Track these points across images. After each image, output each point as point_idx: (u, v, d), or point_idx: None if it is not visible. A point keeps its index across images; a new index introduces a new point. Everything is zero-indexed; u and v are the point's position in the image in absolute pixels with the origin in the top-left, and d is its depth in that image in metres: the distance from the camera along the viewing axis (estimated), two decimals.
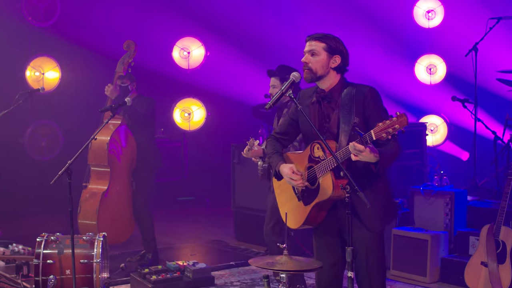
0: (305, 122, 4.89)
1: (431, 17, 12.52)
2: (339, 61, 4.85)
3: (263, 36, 13.16)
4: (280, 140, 5.19)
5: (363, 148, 4.36)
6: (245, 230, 10.08)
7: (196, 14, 12.89)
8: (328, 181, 4.65)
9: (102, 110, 6.77)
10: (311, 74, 4.85)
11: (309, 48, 4.91)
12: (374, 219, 4.79)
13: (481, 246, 6.93)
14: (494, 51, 10.23)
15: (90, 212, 8.07)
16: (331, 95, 4.84)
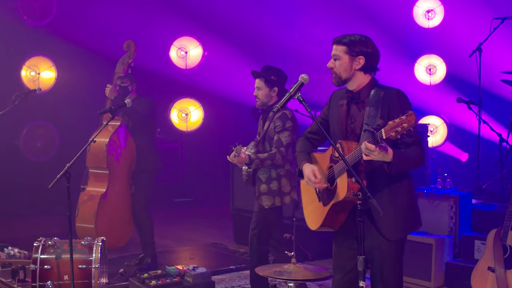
0: (333, 122, 4.89)
1: (431, 17, 12.42)
2: (363, 62, 4.75)
3: (261, 36, 13.04)
4: (311, 139, 5.15)
5: (374, 147, 4.29)
6: (244, 233, 9.83)
7: (193, 14, 12.76)
8: (344, 181, 4.57)
9: (101, 112, 6.62)
10: (337, 78, 4.83)
11: (333, 52, 4.88)
12: (393, 226, 4.68)
13: (488, 251, 6.79)
14: (498, 52, 10.12)
15: (88, 215, 7.91)
16: (358, 96, 4.76)
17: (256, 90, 6.82)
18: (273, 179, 6.70)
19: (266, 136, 6.71)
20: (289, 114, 6.67)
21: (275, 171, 6.68)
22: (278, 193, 6.73)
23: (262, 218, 6.83)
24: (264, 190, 6.74)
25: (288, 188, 6.79)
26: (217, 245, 9.81)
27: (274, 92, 6.75)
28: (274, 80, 6.73)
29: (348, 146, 4.62)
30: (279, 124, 6.59)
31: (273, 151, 6.57)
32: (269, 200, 6.73)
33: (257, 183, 6.78)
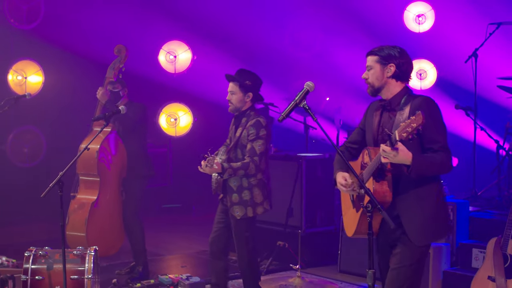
0: (368, 131, 5.01)
1: (421, 21, 12.36)
2: (393, 69, 4.85)
3: (251, 40, 12.92)
4: (349, 148, 5.27)
5: (389, 149, 4.39)
6: None
7: (183, 17, 12.61)
8: (369, 186, 4.65)
9: (94, 119, 6.49)
10: (371, 87, 4.94)
11: (367, 63, 4.98)
12: (419, 231, 4.74)
13: (488, 260, 6.69)
14: (492, 58, 10.04)
15: (78, 223, 7.75)
16: (390, 104, 4.87)
17: (230, 94, 6.62)
18: (244, 189, 6.54)
19: (238, 143, 6.54)
20: (263, 121, 6.51)
21: (247, 180, 6.51)
22: (250, 203, 6.55)
23: (237, 229, 6.63)
24: (236, 200, 6.55)
25: (261, 198, 6.60)
26: (207, 251, 9.62)
27: (248, 98, 6.57)
28: (248, 85, 6.54)
29: (375, 152, 4.70)
30: (252, 132, 6.43)
31: (246, 160, 6.40)
32: (241, 210, 6.54)
33: (228, 193, 6.58)
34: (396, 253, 4.81)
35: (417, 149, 4.58)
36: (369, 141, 5.00)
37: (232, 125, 6.78)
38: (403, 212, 4.72)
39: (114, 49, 8.26)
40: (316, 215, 9.07)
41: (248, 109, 6.60)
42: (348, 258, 8.49)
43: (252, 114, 6.58)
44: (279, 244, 8.75)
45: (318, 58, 13.01)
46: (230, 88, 6.62)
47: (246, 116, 6.58)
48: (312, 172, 9.02)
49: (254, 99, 6.62)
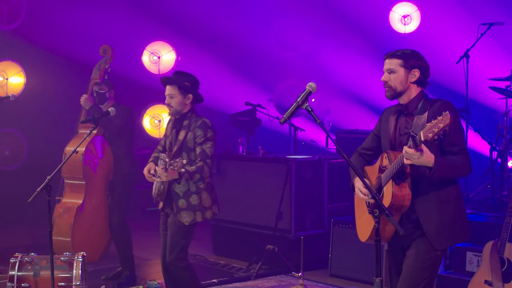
0: (383, 136, 4.93)
1: (407, 22, 12.26)
2: (418, 74, 4.80)
3: (236, 41, 12.77)
4: (363, 155, 5.20)
5: (412, 150, 4.31)
6: (223, 244, 9.64)
7: (167, 18, 12.43)
8: (389, 190, 4.59)
9: (83, 121, 6.29)
10: (392, 91, 4.83)
11: (387, 66, 4.87)
12: (438, 234, 4.65)
13: (485, 263, 6.56)
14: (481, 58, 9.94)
15: (64, 228, 7.57)
16: (407, 108, 4.79)
17: (168, 98, 6.30)
18: (192, 193, 6.24)
19: (183, 147, 6.23)
20: (208, 122, 6.29)
21: (195, 184, 6.22)
22: (199, 207, 6.27)
23: (181, 236, 6.30)
24: (183, 205, 6.23)
25: (209, 202, 6.34)
26: (196, 256, 9.45)
27: (188, 100, 6.29)
28: (188, 87, 6.28)
29: (394, 155, 4.64)
30: (200, 134, 6.18)
31: (200, 164, 6.12)
32: (189, 216, 6.23)
33: (174, 199, 6.26)
34: (410, 255, 4.73)
35: (437, 152, 4.52)
36: (385, 146, 4.93)
37: (170, 129, 6.44)
38: (423, 215, 4.63)
39: (100, 50, 8.07)
40: (305, 218, 8.91)
41: (189, 111, 6.32)
42: (339, 262, 8.34)
43: (194, 116, 6.33)
44: (269, 248, 8.60)
45: (304, 59, 12.89)
46: (168, 91, 6.30)
47: (187, 118, 6.31)
48: (302, 174, 8.86)
49: (194, 101, 6.37)
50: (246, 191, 9.24)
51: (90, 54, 11.56)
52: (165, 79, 6.37)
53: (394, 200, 4.51)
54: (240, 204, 9.32)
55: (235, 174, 9.44)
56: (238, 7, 12.83)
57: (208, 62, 12.52)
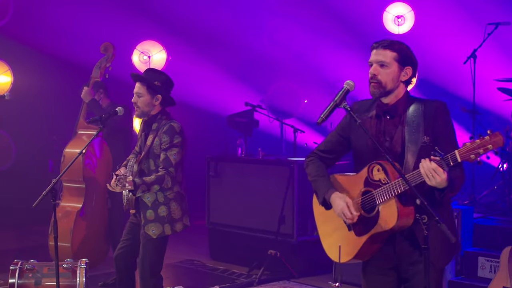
0: (360, 139, 4.28)
1: (400, 22, 12.11)
2: (410, 73, 4.20)
3: (227, 40, 12.54)
4: (325, 159, 4.51)
5: (441, 171, 3.78)
6: (221, 249, 9.37)
7: (158, 17, 12.17)
8: (391, 209, 4.02)
9: (90, 121, 5.97)
10: (380, 88, 4.18)
11: (378, 57, 4.20)
12: (438, 252, 4.14)
13: (503, 269, 6.35)
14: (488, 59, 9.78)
15: (63, 232, 7.24)
16: (395, 110, 4.20)
17: (136, 96, 5.88)
18: (160, 204, 5.83)
19: (150, 153, 5.83)
20: (177, 127, 5.82)
21: (163, 194, 5.79)
22: (168, 219, 5.84)
23: (151, 250, 5.89)
24: (151, 217, 5.80)
25: (179, 214, 5.90)
26: (193, 261, 9.20)
27: (156, 101, 5.86)
28: (157, 87, 5.86)
29: (390, 168, 4.05)
30: (166, 140, 5.74)
31: (161, 173, 5.69)
32: (157, 228, 5.81)
33: (142, 209, 5.84)
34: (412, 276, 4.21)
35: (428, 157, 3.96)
36: (360, 151, 4.30)
37: (141, 132, 6.05)
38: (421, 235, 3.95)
39: (101, 47, 7.79)
40: (307, 222, 8.68)
41: (158, 113, 5.90)
42: (344, 268, 8.08)
43: (163, 118, 5.89)
44: (271, 253, 8.36)
45: (298, 59, 12.68)
46: (136, 89, 5.89)
47: (156, 121, 5.88)
48: (304, 177, 8.58)
49: (164, 103, 5.94)
50: (245, 194, 8.99)
51: (78, 53, 11.31)
52: (135, 75, 5.97)
53: (399, 222, 3.99)
54: (239, 208, 9.06)
55: (233, 176, 9.18)
56: (230, 6, 12.61)
57: (199, 62, 12.30)
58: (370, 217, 4.12)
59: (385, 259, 4.26)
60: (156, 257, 5.93)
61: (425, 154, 4.00)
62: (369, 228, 4.13)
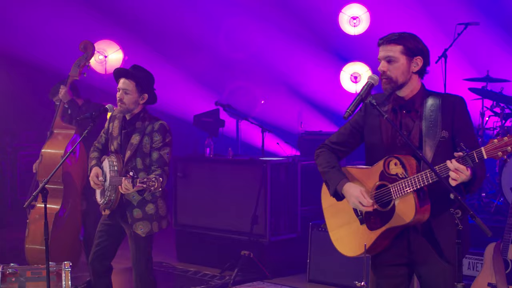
0: (374, 132, 4.27)
1: (356, 24, 12.21)
2: (421, 63, 4.16)
3: (185, 40, 12.44)
4: (336, 151, 4.46)
5: (465, 168, 3.79)
6: (190, 251, 9.25)
7: (113, 16, 11.99)
8: (409, 203, 4.00)
9: (81, 118, 5.83)
10: (391, 83, 4.15)
11: (385, 54, 4.18)
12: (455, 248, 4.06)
13: (487, 266, 6.45)
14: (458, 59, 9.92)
15: (40, 235, 7.01)
16: (412, 104, 4.19)
17: (121, 92, 5.72)
18: (148, 202, 5.76)
19: (137, 152, 5.71)
20: (167, 126, 5.77)
21: (140, 196, 5.67)
22: (156, 217, 5.79)
23: (142, 250, 5.83)
24: (139, 215, 5.72)
25: (165, 211, 5.88)
26: (162, 264, 9.06)
27: (142, 100, 5.77)
28: (146, 85, 5.79)
29: (408, 162, 4.05)
30: (158, 139, 5.68)
31: (158, 172, 5.58)
32: (145, 226, 5.74)
33: (127, 208, 5.74)
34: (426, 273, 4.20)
35: (450, 151, 4.01)
36: (374, 144, 4.28)
37: (119, 129, 5.86)
38: (439, 230, 4.13)
39: (80, 45, 7.58)
40: (279, 222, 8.65)
41: (141, 111, 5.80)
42: (318, 267, 8.09)
43: (147, 117, 5.81)
44: (244, 254, 8.29)
45: (255, 59, 12.64)
46: (123, 85, 5.73)
47: (140, 119, 5.78)
48: (276, 177, 8.59)
49: (148, 102, 5.85)
50: (216, 195, 8.90)
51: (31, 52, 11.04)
52: (122, 70, 5.83)
53: (417, 217, 3.98)
54: (209, 209, 8.97)
55: (202, 177, 9.07)
56: (187, 5, 12.50)
57: (156, 61, 12.13)
58: (385, 211, 4.10)
59: (399, 255, 4.24)
60: (149, 255, 5.89)
61: (444, 149, 4.03)
62: (383, 222, 4.12)
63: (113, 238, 5.96)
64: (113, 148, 5.89)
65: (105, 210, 5.87)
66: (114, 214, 5.85)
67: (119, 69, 5.87)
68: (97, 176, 5.80)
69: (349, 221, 4.33)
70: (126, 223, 5.79)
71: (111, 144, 5.92)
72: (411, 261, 4.25)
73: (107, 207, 5.80)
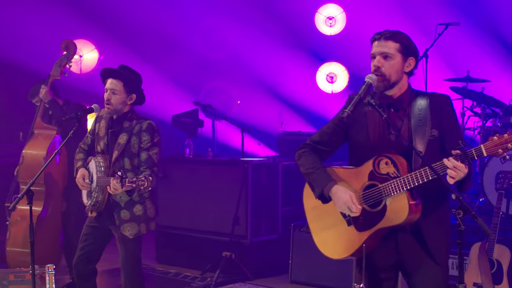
0: (361, 131, 4.21)
1: (332, 24, 12.20)
2: (413, 64, 4.16)
3: (161, 40, 12.31)
4: (320, 151, 4.35)
5: (463, 166, 3.79)
6: (170, 252, 9.15)
7: (88, 15, 11.80)
8: (401, 203, 3.97)
9: (66, 118, 5.72)
10: (384, 81, 4.10)
11: (381, 49, 4.11)
12: (443, 249, 4.19)
13: (472, 266, 6.47)
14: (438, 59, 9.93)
15: (22, 238, 6.90)
16: (400, 103, 4.16)
17: (110, 93, 5.66)
18: (136, 203, 5.68)
19: (125, 152, 5.65)
20: (155, 126, 5.73)
21: (128, 196, 5.59)
22: (144, 219, 5.72)
23: (130, 252, 5.76)
24: (127, 217, 5.66)
25: (153, 212, 5.82)
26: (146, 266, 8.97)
27: (130, 100, 5.70)
28: (134, 85, 5.74)
29: (399, 161, 4.02)
30: (146, 139, 5.63)
31: (147, 172, 5.50)
32: (133, 228, 5.68)
33: (115, 209, 5.67)
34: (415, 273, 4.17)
35: (438, 151, 4.04)
36: (361, 143, 4.21)
37: (105, 129, 5.78)
38: (427, 230, 4.09)
39: (61, 45, 7.49)
40: (261, 223, 8.61)
41: (129, 111, 5.73)
42: (300, 268, 8.05)
43: (135, 117, 5.75)
44: (225, 255, 8.23)
45: (231, 59, 12.56)
46: (111, 85, 5.67)
47: (128, 119, 5.71)
48: (257, 177, 8.54)
49: (136, 102, 5.79)
50: (196, 196, 8.82)
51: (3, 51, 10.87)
52: (109, 70, 5.77)
53: (410, 216, 3.94)
54: (189, 210, 8.89)
55: (182, 178, 8.99)
56: (163, 4, 12.39)
57: (132, 61, 11.86)
58: (374, 212, 4.06)
59: (387, 256, 4.20)
60: (138, 256, 5.81)
61: (433, 148, 4.03)
62: (373, 223, 4.07)
63: (99, 241, 5.90)
64: (99, 148, 5.81)
65: (92, 212, 5.78)
66: (101, 215, 5.77)
67: (107, 69, 5.79)
68: (84, 178, 5.72)
69: (335, 223, 4.25)
70: (113, 224, 5.72)
71: (97, 145, 5.84)
72: (399, 261, 4.22)
73: (94, 208, 5.72)
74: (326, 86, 12.27)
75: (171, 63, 12.42)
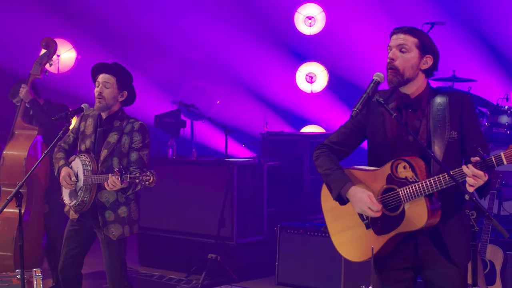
0: (378, 131, 4.09)
1: (311, 23, 12.12)
2: (430, 62, 4.02)
3: (140, 39, 12.16)
4: (338, 152, 4.25)
5: (482, 174, 3.68)
6: (153, 255, 9.01)
7: (66, 14, 11.61)
8: (420, 208, 3.86)
9: (55, 118, 5.55)
10: (397, 76, 3.97)
11: (398, 42, 4.01)
12: (463, 252, 4.05)
13: None
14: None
15: (5, 241, 6.72)
16: (418, 103, 4.03)
17: (101, 86, 5.57)
18: (121, 204, 5.59)
19: (115, 152, 5.54)
20: (146, 126, 5.65)
21: (123, 194, 5.53)
22: (128, 221, 5.63)
23: (114, 253, 5.66)
24: (111, 218, 5.56)
25: (137, 215, 5.74)
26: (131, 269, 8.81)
27: (121, 97, 5.65)
28: (126, 82, 5.70)
29: (418, 165, 3.90)
30: (138, 139, 5.52)
31: (138, 172, 5.37)
32: (117, 229, 5.58)
33: (99, 210, 5.56)
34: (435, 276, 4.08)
35: (458, 154, 3.96)
36: (379, 144, 4.11)
37: (93, 127, 5.66)
38: (447, 234, 4.00)
39: (41, 42, 7.33)
40: (247, 224, 8.49)
41: (119, 110, 5.66)
42: (287, 270, 7.94)
43: (125, 116, 5.67)
44: (211, 257, 8.10)
45: (210, 58, 12.43)
46: (104, 79, 5.60)
47: (118, 118, 5.62)
48: (243, 178, 8.42)
49: (127, 101, 5.75)
50: (180, 197, 8.69)
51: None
52: (103, 65, 5.74)
53: (429, 221, 3.85)
54: (173, 211, 8.76)
55: (166, 179, 8.78)
56: (142, 4, 12.24)
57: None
58: (393, 216, 3.96)
59: (405, 259, 4.11)
60: (123, 258, 5.69)
61: (453, 150, 3.92)
62: (392, 227, 3.97)
63: (83, 245, 5.79)
64: (84, 147, 5.67)
65: (75, 212, 5.64)
66: (85, 216, 5.65)
67: (100, 64, 5.73)
68: (69, 176, 5.57)
69: (353, 226, 4.15)
70: (97, 226, 5.60)
71: (82, 143, 5.70)
72: (417, 265, 4.13)
73: (79, 208, 5.59)
74: (306, 86, 12.19)
75: (150, 63, 12.25)
